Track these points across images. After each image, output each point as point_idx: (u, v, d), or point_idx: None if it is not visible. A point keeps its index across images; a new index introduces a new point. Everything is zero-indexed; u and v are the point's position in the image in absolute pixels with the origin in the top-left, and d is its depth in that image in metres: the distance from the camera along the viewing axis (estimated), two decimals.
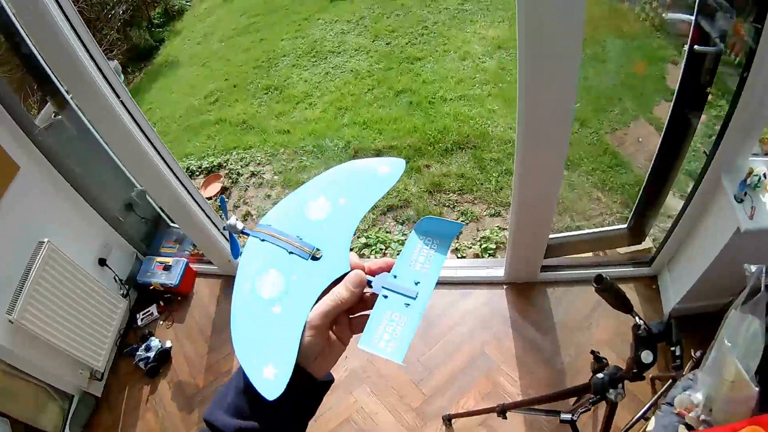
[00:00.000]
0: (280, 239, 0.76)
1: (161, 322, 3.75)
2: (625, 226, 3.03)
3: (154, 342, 3.52)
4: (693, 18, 2.09)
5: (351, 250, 0.74)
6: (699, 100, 2.27)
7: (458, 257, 3.53)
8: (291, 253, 0.74)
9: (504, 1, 6.29)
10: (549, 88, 1.93)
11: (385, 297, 0.67)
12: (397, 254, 2.67)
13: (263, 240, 0.77)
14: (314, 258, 0.74)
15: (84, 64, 2.33)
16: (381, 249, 3.61)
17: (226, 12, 8.54)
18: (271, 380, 0.62)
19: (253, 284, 0.72)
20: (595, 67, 4.67)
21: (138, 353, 3.48)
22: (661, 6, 4.16)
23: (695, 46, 2.09)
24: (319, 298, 0.69)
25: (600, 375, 1.67)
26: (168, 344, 3.56)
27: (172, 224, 4.13)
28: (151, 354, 3.45)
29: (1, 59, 3.59)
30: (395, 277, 0.69)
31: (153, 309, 3.77)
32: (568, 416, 1.89)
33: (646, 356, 1.52)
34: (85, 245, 3.45)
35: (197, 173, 5.06)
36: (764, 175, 2.18)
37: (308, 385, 0.69)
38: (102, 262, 3.55)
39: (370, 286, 0.70)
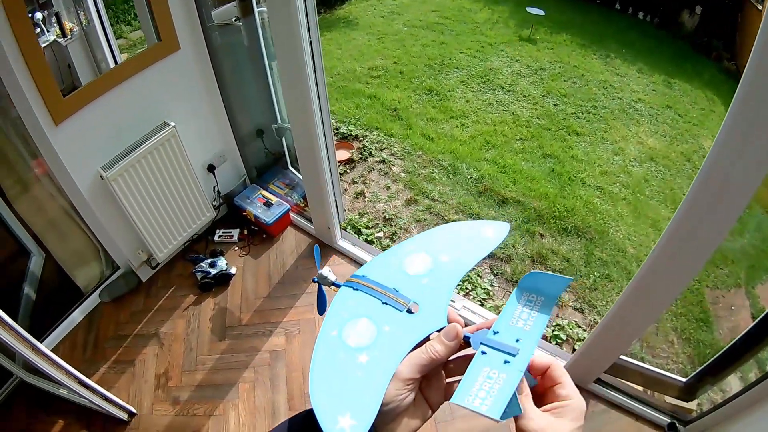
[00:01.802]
0: (375, 290, 0.75)
1: (236, 248, 3.84)
2: (684, 379, 2.96)
3: (221, 262, 3.59)
4: None
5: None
6: None
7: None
8: (385, 303, 0.73)
9: (673, 118, 6.30)
10: (697, 235, 1.99)
11: (483, 353, 0.65)
12: (481, 298, 2.80)
13: (356, 290, 0.76)
14: (410, 311, 0.72)
15: None
16: (468, 288, 3.71)
17: (420, 2, 8.74)
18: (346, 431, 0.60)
19: (340, 331, 0.70)
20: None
21: (201, 264, 3.56)
22: None
23: None
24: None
25: None
26: (233, 270, 3.63)
27: (290, 167, 4.22)
28: (213, 271, 3.53)
29: None
30: (495, 333, 0.67)
31: (235, 233, 3.86)
32: None
33: None
34: (203, 146, 3.54)
35: None
36: None
37: None
38: (211, 168, 3.66)
39: (468, 344, 0.68)
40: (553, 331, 3.53)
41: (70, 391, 2.57)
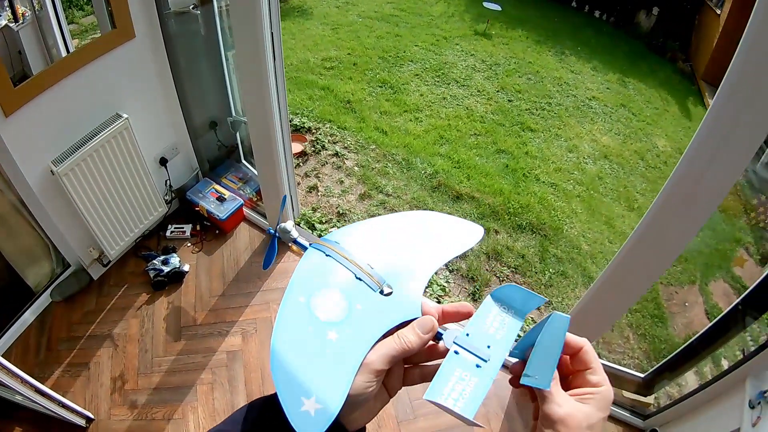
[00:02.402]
0: (350, 261, 0.70)
1: (189, 245, 3.72)
2: (642, 375, 3.00)
3: (174, 259, 3.48)
4: None
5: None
6: (764, 306, 2.34)
7: None
8: (359, 279, 0.68)
9: (627, 117, 6.36)
10: (667, 231, 1.99)
11: (456, 353, 0.62)
12: (437, 295, 2.73)
13: (328, 255, 0.71)
14: (382, 293, 0.68)
15: None
16: None
17: None
18: (311, 416, 0.55)
19: (309, 299, 0.65)
20: None
21: (154, 262, 3.45)
22: None
23: None
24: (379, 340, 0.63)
25: None
26: (186, 268, 3.53)
27: (244, 161, 4.12)
28: (166, 269, 3.43)
29: None
30: (467, 335, 0.64)
31: (187, 228, 3.75)
32: None
33: None
34: (155, 139, 3.42)
35: None
36: None
37: None
38: (163, 161, 3.54)
39: (438, 339, 0.65)
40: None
41: (25, 398, 2.44)
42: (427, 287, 3.52)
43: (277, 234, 0.83)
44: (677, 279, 4.23)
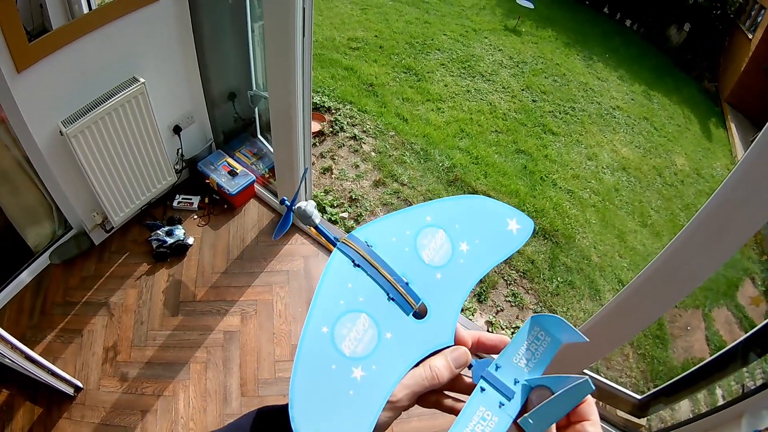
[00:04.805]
0: (384, 275, 0.61)
1: (195, 217, 3.63)
2: (639, 397, 2.94)
3: (179, 231, 3.39)
4: None
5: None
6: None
7: (489, 330, 3.51)
8: (391, 299, 0.60)
9: (649, 131, 6.31)
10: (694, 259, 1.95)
11: (482, 390, 0.57)
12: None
13: (357, 265, 0.61)
14: (416, 314, 0.61)
15: None
16: None
17: None
18: None
19: (333, 329, 0.57)
20: None
21: (158, 232, 3.36)
22: None
23: None
24: None
25: None
26: (190, 241, 3.43)
27: (260, 136, 4.03)
28: (170, 240, 3.34)
29: None
30: (497, 368, 0.58)
31: (195, 200, 3.64)
32: None
33: None
34: (171, 106, 3.32)
35: None
36: None
37: None
38: (177, 129, 3.44)
39: (468, 368, 0.60)
40: (513, 334, 3.40)
41: (14, 363, 2.39)
42: None
43: (292, 207, 0.75)
44: (682, 302, 4.17)
